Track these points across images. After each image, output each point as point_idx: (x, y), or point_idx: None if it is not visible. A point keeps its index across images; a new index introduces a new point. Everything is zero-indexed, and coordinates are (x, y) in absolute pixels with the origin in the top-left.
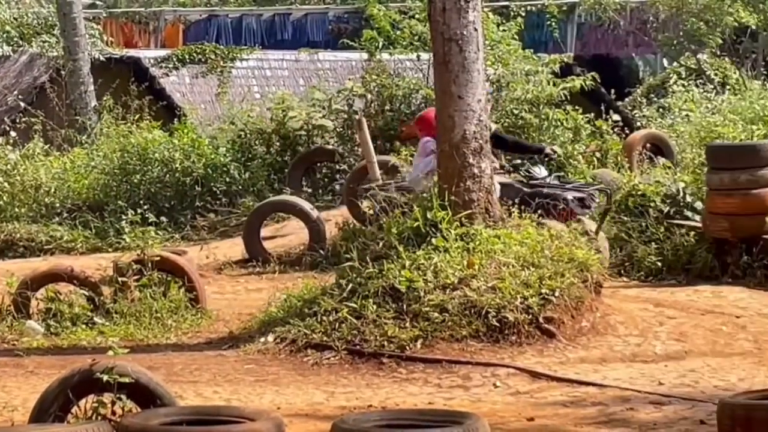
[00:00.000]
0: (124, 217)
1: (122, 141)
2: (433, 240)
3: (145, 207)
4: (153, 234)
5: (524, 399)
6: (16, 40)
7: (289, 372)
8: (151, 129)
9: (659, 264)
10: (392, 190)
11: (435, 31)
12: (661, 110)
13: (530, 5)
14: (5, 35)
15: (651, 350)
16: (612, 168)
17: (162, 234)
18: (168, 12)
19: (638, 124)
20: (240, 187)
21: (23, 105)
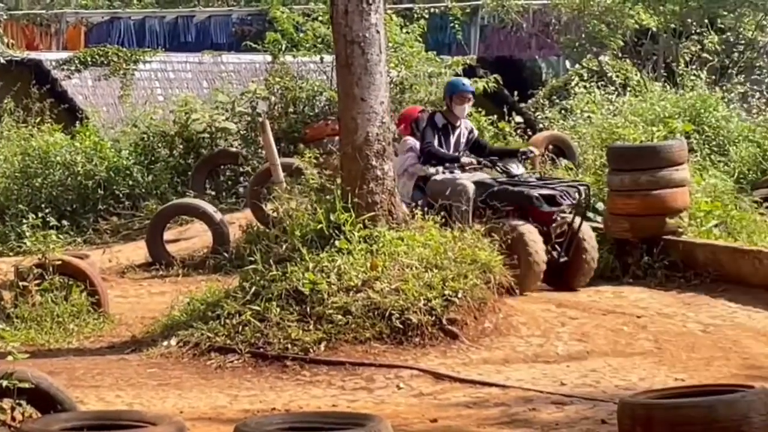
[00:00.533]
0: (25, 221)
1: (23, 144)
2: (337, 242)
3: (47, 211)
4: (54, 238)
5: (427, 400)
6: None
7: (192, 375)
8: (53, 132)
9: None
10: None
11: (337, 34)
12: (564, 112)
13: (433, 7)
14: None
15: (553, 351)
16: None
17: (64, 238)
18: (70, 14)
19: (541, 126)
20: (143, 190)
21: None
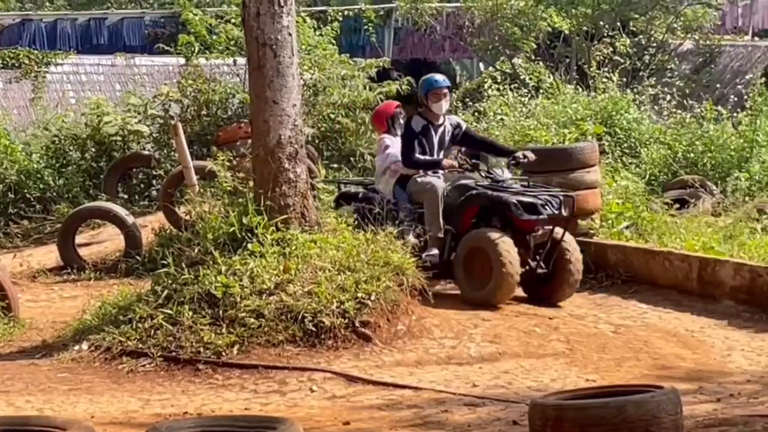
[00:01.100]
0: None
1: None
2: (249, 245)
3: None
4: None
5: (340, 403)
6: None
7: (104, 380)
8: None
9: None
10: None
11: (249, 36)
12: (477, 114)
13: (347, 10)
14: None
15: (466, 352)
16: None
17: None
18: None
19: None
20: (54, 194)
21: None
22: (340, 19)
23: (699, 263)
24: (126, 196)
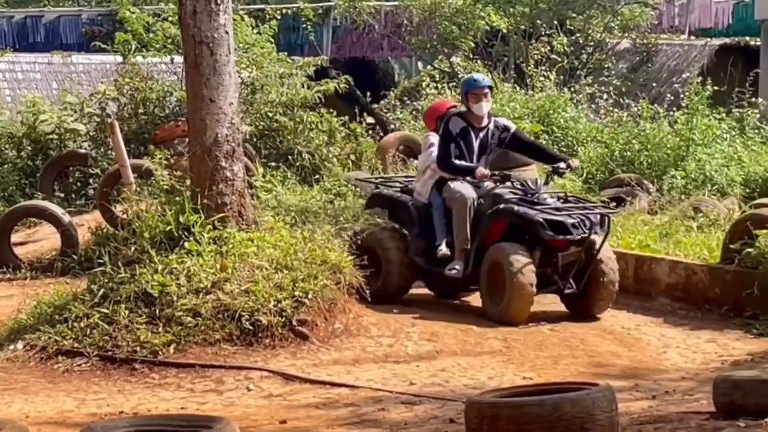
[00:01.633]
0: None
1: None
2: (186, 244)
3: None
4: None
5: (277, 402)
6: None
7: (39, 380)
8: None
9: None
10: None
11: (186, 34)
12: (415, 113)
13: (286, 8)
14: None
15: (403, 350)
16: (366, 170)
17: None
18: None
19: (392, 127)
20: None
21: None
22: (279, 18)
23: (635, 261)
24: (62, 195)
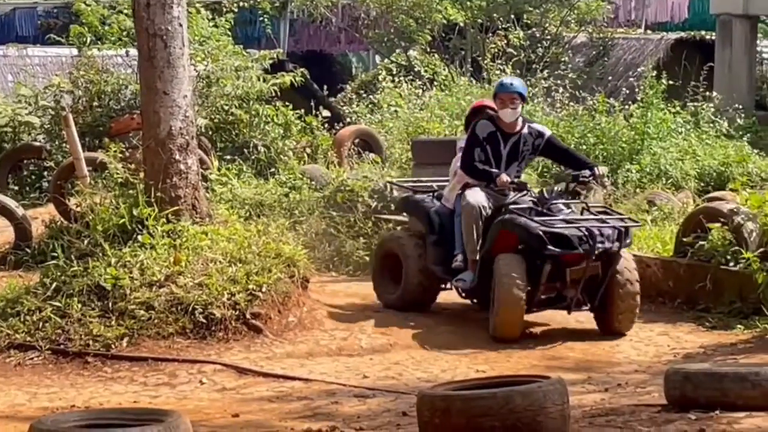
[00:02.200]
0: None
1: None
2: (140, 237)
3: None
4: None
5: (230, 395)
6: None
7: None
8: None
9: (367, 258)
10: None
11: (140, 27)
12: (371, 106)
13: (242, 1)
14: None
15: (357, 344)
16: (322, 163)
17: None
18: None
19: (348, 120)
20: None
21: None
22: (235, 11)
23: None
24: (16, 188)
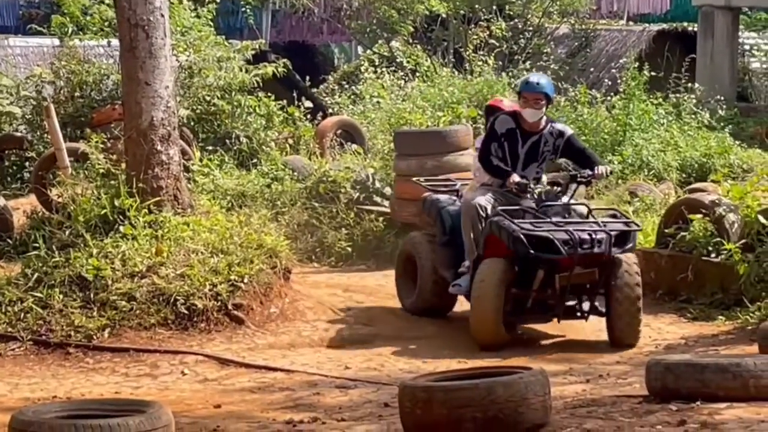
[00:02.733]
0: None
1: None
2: (121, 228)
3: None
4: None
5: (212, 386)
6: None
7: None
8: None
9: (349, 249)
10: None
11: (121, 17)
12: (354, 97)
13: None
14: None
15: (339, 335)
16: (304, 154)
17: None
18: None
19: (331, 111)
20: None
21: None
22: (218, 1)
23: None
24: None
